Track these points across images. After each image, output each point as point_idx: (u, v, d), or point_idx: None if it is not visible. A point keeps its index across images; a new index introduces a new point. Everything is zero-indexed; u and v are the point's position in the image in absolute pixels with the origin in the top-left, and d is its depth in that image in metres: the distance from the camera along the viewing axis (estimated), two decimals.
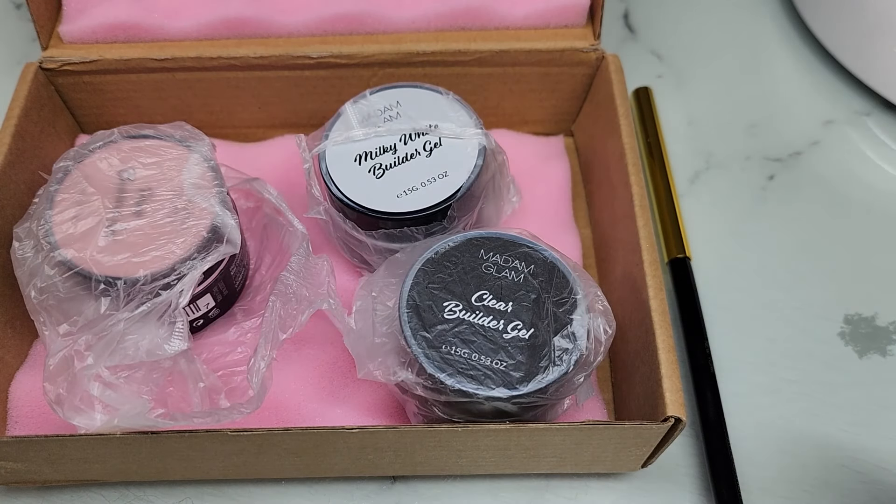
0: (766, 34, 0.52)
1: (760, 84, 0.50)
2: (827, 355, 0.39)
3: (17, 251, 0.34)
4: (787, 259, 0.42)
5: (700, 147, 0.47)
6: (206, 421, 0.30)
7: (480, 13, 0.42)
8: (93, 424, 0.31)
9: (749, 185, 0.45)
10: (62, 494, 0.35)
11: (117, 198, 0.35)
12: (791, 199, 0.45)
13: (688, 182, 0.45)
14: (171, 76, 0.42)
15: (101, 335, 0.33)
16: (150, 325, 0.32)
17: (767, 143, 0.47)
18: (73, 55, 0.41)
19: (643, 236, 0.35)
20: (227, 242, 0.35)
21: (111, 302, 0.33)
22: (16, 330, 0.37)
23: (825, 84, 0.50)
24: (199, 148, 0.36)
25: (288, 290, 0.34)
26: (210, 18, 0.41)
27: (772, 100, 0.49)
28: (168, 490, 0.35)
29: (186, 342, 0.32)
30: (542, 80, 0.43)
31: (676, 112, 0.48)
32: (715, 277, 0.41)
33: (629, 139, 0.38)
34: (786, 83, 0.50)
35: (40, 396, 0.36)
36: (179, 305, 0.33)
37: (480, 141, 0.36)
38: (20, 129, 0.38)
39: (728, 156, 0.47)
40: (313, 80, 0.42)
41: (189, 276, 0.33)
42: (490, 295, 0.32)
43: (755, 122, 0.48)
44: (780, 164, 0.46)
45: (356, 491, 0.35)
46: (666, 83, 0.50)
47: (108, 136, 0.36)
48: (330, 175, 0.36)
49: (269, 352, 0.32)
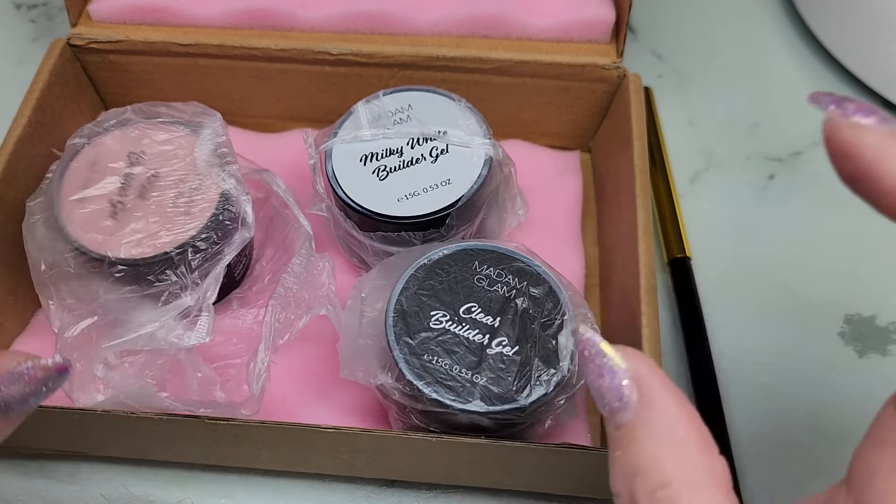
0: (767, 34, 0.52)
1: (761, 84, 0.50)
2: (827, 355, 0.39)
3: (30, 225, 0.35)
4: (786, 259, 0.42)
5: (700, 147, 0.47)
6: (208, 412, 0.31)
7: (503, 21, 0.41)
8: (94, 403, 0.31)
9: (749, 185, 0.45)
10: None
11: (128, 176, 0.35)
12: (791, 199, 0.44)
13: (688, 182, 0.45)
14: (194, 61, 0.42)
15: (115, 317, 0.33)
16: (170, 316, 0.33)
17: (768, 142, 0.47)
18: (100, 34, 0.42)
19: (643, 262, 0.34)
20: (243, 226, 0.35)
21: (125, 283, 0.33)
22: (18, 298, 0.37)
23: (826, 84, 0.49)
24: (212, 125, 0.36)
25: (288, 293, 0.34)
26: (235, 7, 0.42)
27: (772, 99, 0.49)
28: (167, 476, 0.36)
29: (209, 336, 0.32)
30: (562, 94, 0.42)
31: (677, 112, 0.48)
32: (715, 277, 0.41)
33: (641, 161, 0.37)
34: (786, 83, 0.50)
35: None
36: (208, 300, 0.33)
37: (487, 151, 0.36)
38: (42, 103, 0.39)
39: (728, 156, 0.46)
40: (333, 76, 0.42)
41: (215, 271, 0.34)
42: (479, 308, 0.32)
43: (756, 121, 0.48)
44: (781, 164, 0.46)
45: (356, 491, 0.35)
46: (666, 83, 0.50)
47: (122, 114, 0.37)
48: (334, 173, 0.36)
49: (268, 357, 0.32)
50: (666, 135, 0.47)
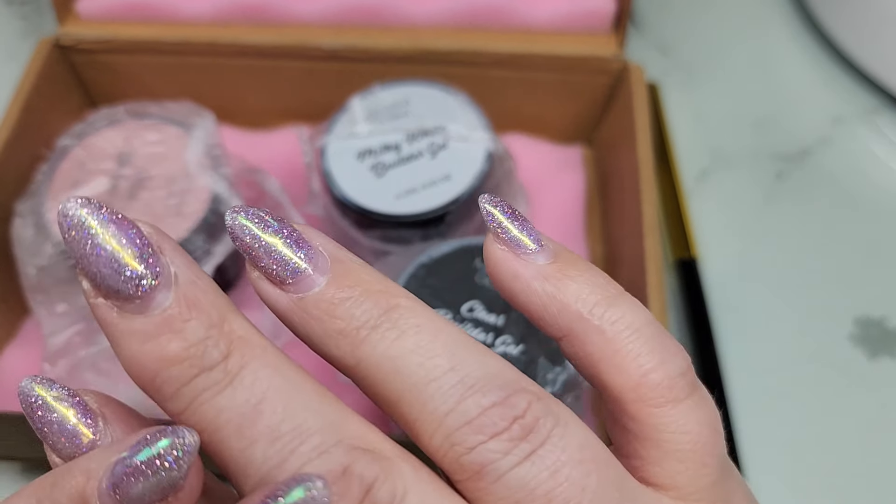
0: (775, 29, 0.51)
1: (769, 80, 0.49)
2: (836, 358, 0.38)
3: (18, 228, 0.34)
4: (795, 259, 0.41)
5: (707, 144, 0.46)
6: None
7: (502, 13, 0.40)
8: None
9: (757, 183, 0.44)
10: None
11: (118, 177, 0.34)
12: (800, 198, 0.43)
13: (695, 180, 0.44)
14: (184, 59, 0.41)
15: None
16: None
17: (776, 140, 0.46)
18: (87, 33, 0.41)
19: (650, 257, 0.33)
20: None
21: None
22: (8, 305, 0.36)
23: (835, 80, 0.48)
24: (204, 124, 0.36)
25: None
26: (225, 2, 0.40)
27: (780, 96, 0.48)
28: None
29: None
30: (563, 87, 0.41)
31: (683, 109, 0.47)
32: (722, 277, 0.40)
33: (645, 154, 0.36)
34: (795, 79, 0.49)
35: (26, 373, 0.35)
36: None
37: (487, 146, 0.35)
38: (29, 104, 0.38)
39: (736, 153, 0.45)
40: (326, 72, 0.41)
41: (206, 270, 0.33)
42: (481, 306, 0.31)
43: (763, 119, 0.47)
44: (789, 162, 0.45)
45: None
46: (672, 80, 0.49)
47: (113, 114, 0.36)
48: (330, 171, 0.35)
49: None
50: (672, 132, 0.46)
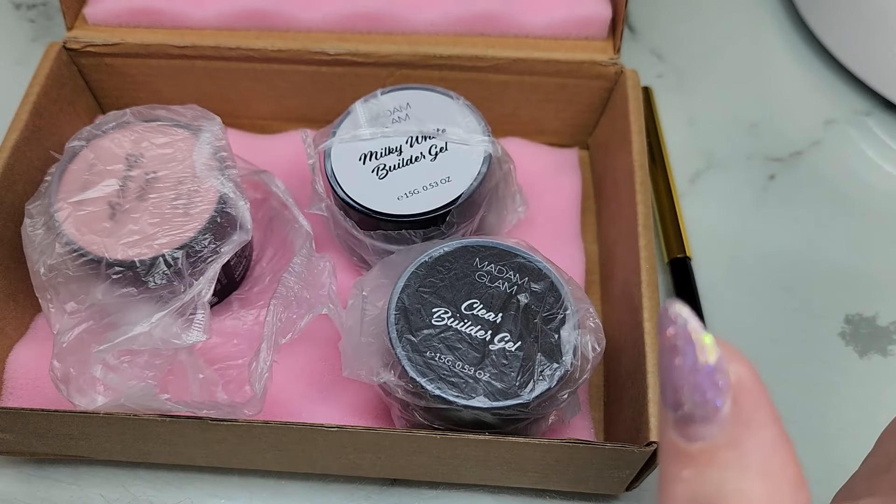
0: (767, 34, 0.52)
1: (761, 84, 0.50)
2: (828, 355, 0.39)
3: (28, 228, 0.35)
4: (787, 259, 0.42)
5: (700, 147, 0.47)
6: (211, 413, 0.31)
7: (500, 19, 0.41)
8: (95, 406, 0.31)
9: (750, 185, 0.45)
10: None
11: (127, 179, 0.35)
12: (792, 199, 0.45)
13: (688, 182, 0.45)
14: (191, 63, 0.42)
15: (112, 319, 0.33)
16: (168, 315, 0.32)
17: (768, 142, 0.47)
18: (96, 37, 0.42)
19: (644, 257, 0.34)
20: (241, 229, 0.35)
21: (122, 285, 0.33)
22: (18, 303, 0.37)
23: (826, 83, 0.50)
24: (211, 128, 0.36)
25: (289, 293, 0.34)
26: (231, 9, 0.42)
27: (773, 99, 0.49)
28: (167, 477, 0.36)
29: (206, 333, 0.32)
30: (559, 91, 0.43)
31: (677, 112, 0.48)
32: (715, 277, 0.41)
33: (640, 157, 0.37)
34: (787, 83, 0.50)
35: (36, 369, 0.36)
36: (202, 299, 0.33)
37: (486, 148, 0.36)
38: (38, 107, 0.39)
39: (729, 155, 0.47)
40: (330, 77, 0.42)
41: (211, 270, 0.34)
42: (480, 304, 0.32)
43: (756, 121, 0.48)
44: (781, 164, 0.46)
45: (356, 491, 0.35)
46: (666, 83, 0.50)
47: (121, 117, 0.37)
48: (333, 173, 0.36)
49: (270, 356, 0.32)
50: (666, 134, 0.47)
